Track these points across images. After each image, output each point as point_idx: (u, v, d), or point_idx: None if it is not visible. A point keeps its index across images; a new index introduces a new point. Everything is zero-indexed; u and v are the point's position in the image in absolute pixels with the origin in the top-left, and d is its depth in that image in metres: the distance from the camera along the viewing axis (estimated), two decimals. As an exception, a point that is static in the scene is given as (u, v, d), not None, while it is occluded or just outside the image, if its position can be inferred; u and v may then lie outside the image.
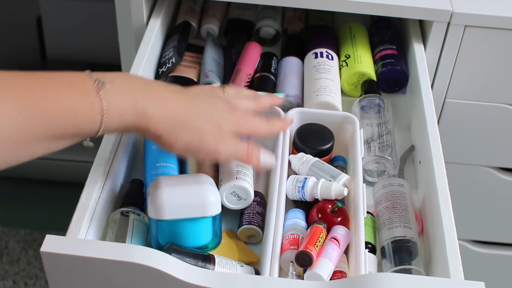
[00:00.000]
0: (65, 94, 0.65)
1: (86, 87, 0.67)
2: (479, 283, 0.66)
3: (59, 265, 0.67)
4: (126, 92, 0.69)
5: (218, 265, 0.73)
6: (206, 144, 0.74)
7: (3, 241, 1.83)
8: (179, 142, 0.72)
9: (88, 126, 0.67)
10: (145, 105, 0.70)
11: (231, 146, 0.76)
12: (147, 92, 0.71)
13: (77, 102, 0.66)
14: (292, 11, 1.19)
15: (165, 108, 0.71)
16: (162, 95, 0.72)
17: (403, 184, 0.85)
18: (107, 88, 0.67)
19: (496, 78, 1.10)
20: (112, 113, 0.67)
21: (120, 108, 0.68)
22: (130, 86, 0.70)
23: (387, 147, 0.90)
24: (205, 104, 0.76)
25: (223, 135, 0.75)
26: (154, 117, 0.70)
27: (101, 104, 0.67)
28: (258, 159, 0.79)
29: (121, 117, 0.69)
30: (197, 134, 0.73)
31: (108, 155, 0.81)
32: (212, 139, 0.74)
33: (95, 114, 0.67)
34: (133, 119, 0.69)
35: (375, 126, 0.93)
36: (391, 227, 0.80)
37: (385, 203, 0.83)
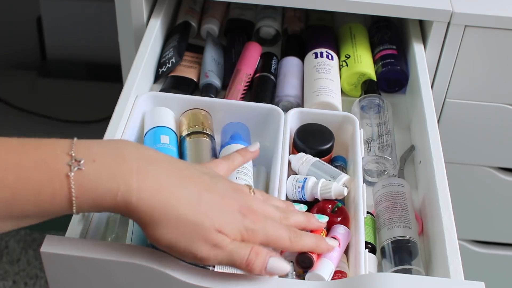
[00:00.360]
0: (28, 179, 0.57)
1: (56, 169, 0.58)
2: (479, 283, 0.66)
3: (59, 265, 0.67)
4: (108, 175, 0.59)
5: (218, 265, 0.72)
6: (196, 252, 0.61)
7: (3, 241, 1.83)
8: (165, 235, 0.60)
9: (55, 210, 0.59)
10: (128, 193, 0.59)
11: (225, 255, 0.62)
12: (139, 174, 0.60)
13: (40, 188, 0.58)
14: (292, 11, 1.19)
15: (156, 198, 0.60)
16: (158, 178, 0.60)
17: (403, 184, 0.85)
18: (83, 169, 0.58)
19: (496, 78, 1.10)
20: (83, 199, 0.59)
21: (94, 194, 0.59)
22: (116, 167, 0.59)
23: (387, 147, 0.90)
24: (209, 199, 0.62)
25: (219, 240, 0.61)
26: (138, 209, 0.59)
27: (69, 190, 0.58)
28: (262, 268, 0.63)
29: (95, 203, 0.59)
30: (186, 235, 0.61)
31: (108, 155, 0.81)
32: (204, 246, 0.61)
33: (61, 200, 0.58)
34: (111, 205, 0.59)
35: (375, 126, 0.93)
36: (391, 227, 0.80)
37: (385, 203, 0.83)
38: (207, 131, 0.89)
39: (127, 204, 0.59)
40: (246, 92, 1.03)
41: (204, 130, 0.89)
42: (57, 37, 2.08)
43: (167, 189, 0.60)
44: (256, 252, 0.63)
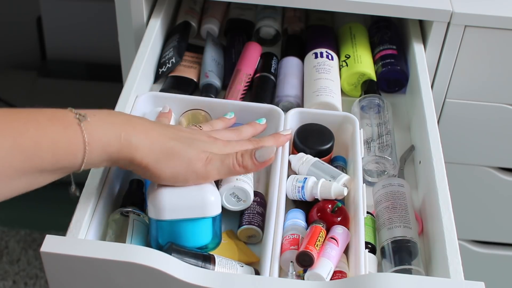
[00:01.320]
0: (45, 128, 0.65)
1: (67, 120, 0.66)
2: (479, 283, 0.66)
3: (59, 265, 0.67)
4: (109, 124, 0.68)
5: (218, 265, 0.73)
6: (194, 170, 0.72)
7: (3, 241, 1.83)
8: (165, 171, 0.71)
9: (69, 160, 0.66)
10: (129, 136, 0.69)
11: (219, 163, 0.73)
12: (129, 124, 0.70)
13: (57, 136, 0.65)
14: (292, 11, 1.19)
15: (148, 139, 0.70)
16: (144, 127, 0.71)
17: (403, 184, 0.85)
18: (89, 120, 0.67)
19: (496, 78, 1.10)
20: (94, 146, 0.66)
21: (103, 140, 0.67)
22: (112, 119, 0.69)
23: (387, 147, 0.90)
24: (188, 135, 0.74)
25: (209, 156, 0.73)
26: (138, 148, 0.69)
27: (82, 137, 0.66)
28: (252, 163, 0.75)
29: (104, 149, 0.67)
30: (183, 162, 0.71)
31: (108, 155, 0.81)
32: (199, 163, 0.72)
33: (76, 147, 0.66)
34: (117, 150, 0.68)
35: (375, 126, 0.93)
36: (391, 227, 0.80)
37: (385, 203, 0.83)
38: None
39: (128, 146, 0.68)
40: (246, 92, 1.03)
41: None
42: (57, 37, 2.08)
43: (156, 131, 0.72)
44: (241, 154, 0.75)
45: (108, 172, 0.80)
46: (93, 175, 0.78)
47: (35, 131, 0.64)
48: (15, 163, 0.62)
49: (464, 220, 1.26)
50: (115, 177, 0.82)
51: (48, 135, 0.64)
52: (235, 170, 0.74)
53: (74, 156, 0.66)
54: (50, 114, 0.66)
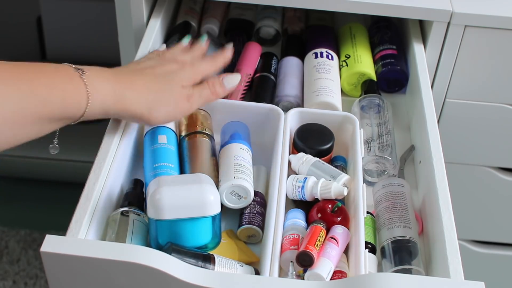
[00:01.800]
0: (54, 79, 0.72)
1: (70, 73, 0.73)
2: (479, 283, 0.66)
3: (59, 265, 0.67)
4: (103, 79, 0.76)
5: (218, 265, 0.73)
6: (181, 108, 0.83)
7: (3, 241, 1.83)
8: (159, 115, 0.81)
9: (74, 109, 0.73)
10: (122, 91, 0.77)
11: (198, 97, 0.84)
12: (118, 78, 0.78)
13: (65, 86, 0.72)
14: (292, 11, 1.19)
15: (138, 92, 0.78)
16: (130, 79, 0.79)
17: (403, 184, 0.85)
18: (87, 73, 0.74)
19: (496, 78, 1.10)
20: (95, 97, 0.74)
21: (101, 93, 0.75)
22: (104, 74, 0.77)
23: (387, 147, 0.90)
24: (163, 73, 0.83)
25: (188, 92, 0.83)
26: (132, 100, 0.78)
27: (85, 88, 0.73)
28: (223, 90, 0.87)
29: (102, 101, 0.75)
30: (170, 105, 0.81)
31: (108, 155, 0.81)
32: (183, 102, 0.82)
33: (81, 97, 0.73)
34: (113, 102, 0.76)
35: (375, 126, 0.93)
36: (391, 227, 0.80)
37: (385, 203, 0.83)
38: (207, 131, 0.89)
39: (123, 99, 0.76)
40: (246, 92, 1.02)
41: (204, 130, 0.89)
42: (57, 37, 2.08)
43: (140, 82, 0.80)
44: (212, 84, 0.87)
45: (108, 172, 0.80)
46: (93, 174, 0.78)
47: (47, 80, 0.71)
48: (30, 108, 0.69)
49: (464, 220, 1.26)
50: (115, 177, 0.82)
51: (57, 85, 0.71)
52: (210, 99, 0.87)
53: (79, 105, 0.73)
54: (54, 66, 0.73)
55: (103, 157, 0.81)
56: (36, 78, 0.70)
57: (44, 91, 0.70)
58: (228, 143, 0.87)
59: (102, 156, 0.81)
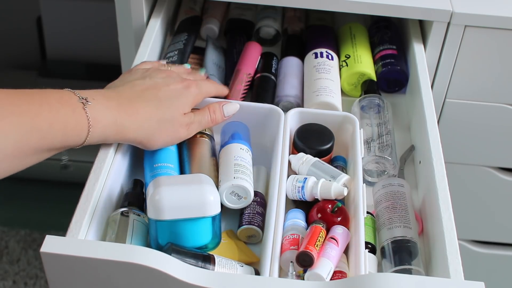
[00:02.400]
0: (57, 112, 0.72)
1: (73, 104, 0.74)
2: (479, 283, 0.66)
3: (59, 265, 0.67)
4: (106, 109, 0.77)
5: (218, 265, 0.73)
6: (180, 135, 0.84)
7: (3, 241, 1.83)
8: (156, 143, 0.82)
9: (75, 140, 0.75)
10: (122, 120, 0.78)
11: (197, 124, 0.86)
12: (121, 108, 0.78)
13: (67, 118, 0.73)
14: (292, 11, 1.19)
15: (138, 121, 0.79)
16: (133, 108, 0.79)
17: (403, 184, 0.85)
18: (90, 104, 0.75)
19: (496, 78, 1.10)
20: (96, 128, 0.75)
21: (103, 123, 0.76)
22: (108, 103, 0.77)
23: (387, 147, 0.90)
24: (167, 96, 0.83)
25: (188, 120, 0.84)
26: (131, 129, 0.79)
27: (87, 120, 0.74)
28: (222, 116, 0.88)
29: (103, 131, 0.76)
30: (170, 133, 0.83)
31: (108, 155, 0.81)
32: (183, 130, 0.84)
33: (82, 128, 0.74)
34: (114, 133, 0.78)
35: (375, 126, 0.93)
36: (391, 227, 0.80)
37: (385, 203, 0.83)
38: (207, 131, 0.89)
39: (123, 129, 0.78)
40: (247, 92, 1.02)
41: (204, 130, 0.89)
42: (57, 37, 2.08)
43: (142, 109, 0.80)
44: (213, 110, 0.88)
45: (108, 172, 0.80)
46: (94, 174, 0.78)
47: (49, 113, 0.71)
48: (32, 142, 0.70)
49: (464, 220, 1.26)
50: (115, 177, 0.82)
51: (59, 118, 0.72)
52: (208, 125, 0.88)
53: (79, 136, 0.74)
54: (58, 96, 0.74)
55: (103, 157, 0.81)
56: (39, 112, 0.71)
57: (46, 125, 0.71)
58: (228, 143, 0.87)
59: (102, 156, 0.81)
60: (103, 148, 0.82)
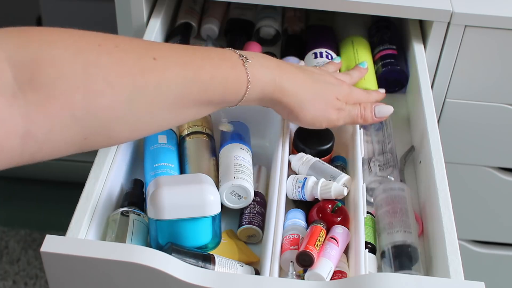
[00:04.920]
0: (219, 66, 0.74)
1: (234, 61, 0.76)
2: (479, 283, 0.66)
3: (59, 265, 0.67)
4: (266, 67, 0.78)
5: (218, 265, 0.73)
6: (329, 117, 0.84)
7: (3, 241, 1.83)
8: (307, 115, 0.82)
9: (234, 95, 0.76)
10: (281, 81, 0.78)
11: (347, 113, 0.85)
12: (280, 69, 0.79)
13: (227, 73, 0.74)
14: (292, 11, 1.19)
15: (296, 86, 0.80)
16: (292, 73, 0.81)
17: (403, 189, 0.84)
18: (250, 62, 0.76)
19: (496, 78, 1.10)
20: (254, 85, 0.76)
21: (262, 81, 0.77)
22: (267, 63, 0.79)
23: (389, 166, 0.88)
24: (322, 80, 0.85)
25: (340, 105, 0.85)
26: (288, 92, 0.79)
27: (247, 77, 0.75)
28: (372, 116, 0.87)
29: (261, 89, 0.77)
30: (321, 109, 0.83)
31: (108, 155, 0.81)
32: (333, 112, 0.84)
33: (241, 84, 0.75)
34: (271, 92, 0.78)
35: (376, 143, 0.92)
36: (391, 232, 0.79)
37: (385, 207, 0.82)
38: (207, 131, 0.89)
39: (281, 90, 0.79)
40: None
41: (204, 130, 0.89)
42: (57, 37, 2.08)
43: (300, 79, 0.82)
44: (364, 107, 0.87)
45: (108, 172, 0.80)
46: (94, 174, 0.78)
47: (210, 67, 0.73)
48: (193, 94, 0.71)
49: (464, 220, 1.26)
50: (115, 177, 0.82)
51: (220, 72, 0.74)
52: (357, 121, 0.87)
53: (238, 92, 0.76)
54: (220, 53, 0.76)
55: (103, 157, 0.81)
56: (202, 65, 0.72)
57: (207, 78, 0.72)
58: (228, 143, 0.87)
59: (102, 156, 0.81)
60: (103, 148, 0.82)
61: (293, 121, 0.84)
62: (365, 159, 0.89)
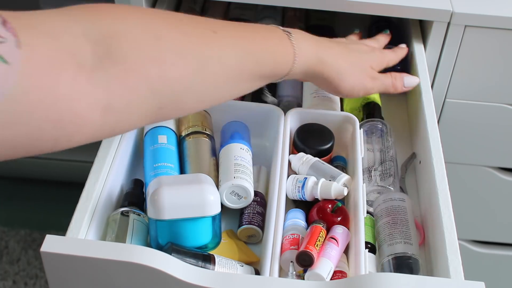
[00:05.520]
0: (268, 39, 0.77)
1: (280, 35, 0.78)
2: (479, 283, 0.66)
3: (59, 265, 0.67)
4: (307, 42, 0.81)
5: (218, 265, 0.73)
6: (365, 85, 0.88)
7: (3, 241, 1.83)
8: (346, 85, 0.86)
9: (282, 67, 0.78)
10: (322, 54, 0.82)
11: (380, 82, 0.90)
12: (319, 43, 0.83)
13: (277, 46, 0.77)
14: (292, 11, 1.19)
15: (334, 57, 0.84)
16: (329, 47, 0.85)
17: (404, 199, 0.83)
18: (294, 36, 0.79)
19: (496, 78, 1.10)
20: (300, 58, 0.79)
21: (306, 54, 0.80)
22: (308, 38, 0.82)
23: (389, 175, 0.87)
24: (355, 50, 0.89)
25: (374, 74, 0.89)
26: (328, 64, 0.83)
27: (293, 50, 0.78)
28: (402, 86, 0.93)
29: (305, 62, 0.80)
30: (358, 78, 0.87)
31: (108, 155, 0.81)
32: (369, 80, 0.88)
33: (289, 57, 0.78)
34: (314, 64, 0.82)
35: (377, 151, 0.91)
36: (392, 243, 0.78)
37: (385, 218, 0.81)
38: (207, 131, 0.89)
39: (322, 62, 0.82)
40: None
41: (204, 130, 0.89)
42: (57, 37, 2.08)
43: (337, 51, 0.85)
44: (394, 77, 0.92)
45: (108, 172, 0.80)
46: (94, 174, 0.78)
47: (261, 40, 0.75)
48: (248, 66, 0.73)
49: (464, 220, 1.26)
50: (115, 177, 0.82)
51: (270, 45, 0.76)
52: (389, 90, 0.92)
53: (286, 65, 0.78)
54: (266, 28, 0.79)
55: (103, 157, 0.81)
56: (253, 39, 0.74)
57: (259, 51, 0.74)
58: (228, 143, 0.87)
59: (102, 156, 0.81)
60: (103, 148, 0.82)
61: (333, 93, 0.88)
62: (365, 168, 0.88)
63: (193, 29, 0.69)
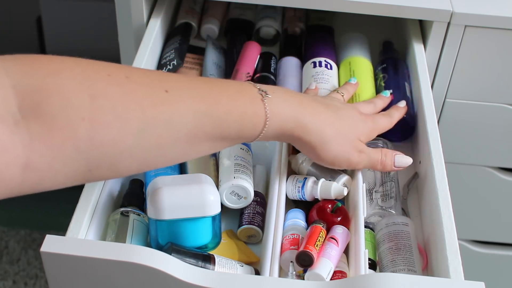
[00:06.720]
0: (235, 100, 0.71)
1: (252, 95, 0.72)
2: (479, 283, 0.66)
3: (59, 265, 0.67)
4: (286, 103, 0.74)
5: (218, 265, 0.73)
6: (350, 158, 0.80)
7: (3, 241, 1.83)
8: (328, 155, 0.78)
9: (250, 131, 0.72)
10: (302, 118, 0.75)
11: (367, 157, 0.81)
12: (302, 106, 0.76)
13: (245, 108, 0.71)
14: (292, 11, 1.19)
15: (320, 124, 0.76)
16: (314, 109, 0.77)
17: (407, 223, 0.81)
18: (270, 97, 0.73)
19: (496, 78, 1.10)
20: (273, 121, 0.73)
21: (282, 117, 0.73)
22: (288, 98, 0.75)
23: (390, 197, 0.85)
24: (346, 117, 0.81)
25: (361, 147, 0.81)
26: (310, 129, 0.75)
27: (265, 112, 0.72)
28: (392, 165, 0.83)
29: (280, 126, 0.74)
30: (343, 150, 0.79)
31: (108, 155, 0.81)
32: (354, 153, 0.80)
33: (258, 120, 0.72)
34: (291, 129, 0.75)
35: (377, 172, 0.88)
36: (395, 270, 0.76)
37: (388, 243, 0.79)
38: (207, 131, 0.89)
39: (302, 126, 0.75)
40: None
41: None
42: (57, 37, 2.08)
43: (323, 115, 0.78)
44: (385, 154, 0.82)
45: (108, 172, 0.80)
46: (93, 175, 0.78)
47: (227, 101, 0.70)
48: (206, 128, 0.68)
49: (464, 220, 1.26)
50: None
51: (237, 106, 0.71)
52: (376, 167, 0.83)
53: (255, 128, 0.72)
54: (238, 86, 0.74)
55: (103, 157, 0.80)
56: (218, 99, 0.69)
57: (222, 113, 0.69)
58: (228, 143, 0.87)
59: (102, 156, 0.81)
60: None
61: (314, 159, 0.80)
62: (366, 189, 0.85)
63: (139, 87, 0.65)
